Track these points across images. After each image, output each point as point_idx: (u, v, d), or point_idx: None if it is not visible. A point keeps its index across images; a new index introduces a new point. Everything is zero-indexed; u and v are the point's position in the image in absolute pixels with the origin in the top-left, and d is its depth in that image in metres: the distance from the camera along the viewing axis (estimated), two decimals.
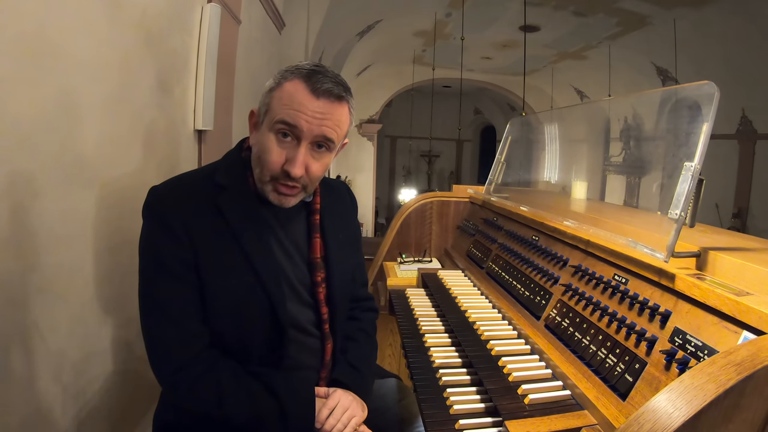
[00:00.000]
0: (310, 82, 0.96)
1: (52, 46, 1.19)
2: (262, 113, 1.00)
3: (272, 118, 0.97)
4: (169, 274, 0.97)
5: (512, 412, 0.97)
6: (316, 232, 1.11)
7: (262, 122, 1.00)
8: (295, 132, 0.96)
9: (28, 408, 1.16)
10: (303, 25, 4.74)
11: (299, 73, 0.97)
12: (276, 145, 0.97)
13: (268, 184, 1.00)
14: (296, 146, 0.97)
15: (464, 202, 2.35)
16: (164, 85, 1.83)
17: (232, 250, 0.99)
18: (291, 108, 0.95)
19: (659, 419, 0.57)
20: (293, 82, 0.96)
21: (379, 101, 10.78)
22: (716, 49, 5.75)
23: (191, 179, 1.06)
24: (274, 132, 0.97)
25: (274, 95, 0.98)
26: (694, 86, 1.03)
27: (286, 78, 0.97)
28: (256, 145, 1.01)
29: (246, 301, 1.00)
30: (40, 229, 1.18)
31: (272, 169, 0.98)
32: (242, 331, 1.02)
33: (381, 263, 2.27)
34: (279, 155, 0.97)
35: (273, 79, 1.00)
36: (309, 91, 0.95)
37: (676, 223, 0.94)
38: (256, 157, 1.01)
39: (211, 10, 2.13)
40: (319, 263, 1.11)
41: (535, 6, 5.74)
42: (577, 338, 1.11)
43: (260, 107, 1.01)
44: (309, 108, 0.95)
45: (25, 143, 1.12)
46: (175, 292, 0.97)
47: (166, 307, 0.97)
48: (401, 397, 1.25)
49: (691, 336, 0.84)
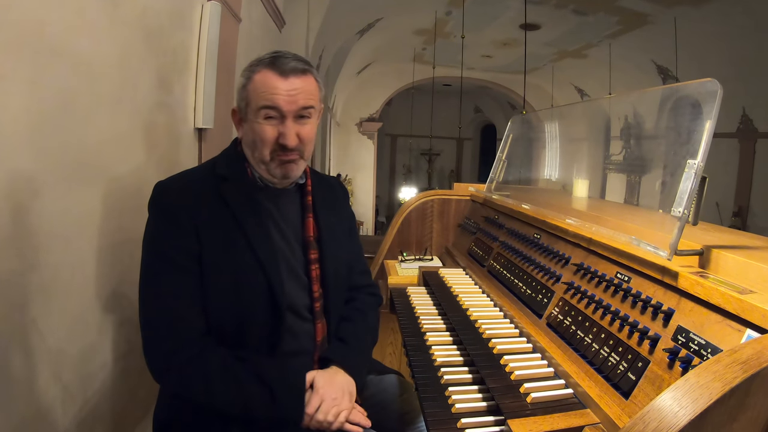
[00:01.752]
0: (276, 67, 1.06)
1: (52, 45, 1.18)
2: (243, 108, 1.10)
3: (254, 108, 1.07)
4: (171, 264, 1.02)
5: (514, 411, 0.96)
6: (309, 212, 1.19)
7: (246, 115, 1.10)
8: (278, 112, 1.06)
9: (28, 407, 1.16)
10: (303, 23, 4.73)
11: (263, 63, 1.07)
12: (266, 125, 1.07)
13: (270, 163, 1.09)
14: (283, 123, 1.07)
15: (465, 200, 2.34)
16: (164, 84, 1.83)
17: (235, 235, 1.06)
18: (267, 93, 1.05)
19: (665, 418, 0.57)
20: (261, 72, 1.07)
21: (379, 100, 10.79)
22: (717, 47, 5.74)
23: (194, 173, 1.16)
24: (260, 118, 1.07)
25: (248, 89, 1.08)
26: (697, 84, 1.03)
27: (254, 71, 1.08)
28: (248, 135, 1.11)
29: (247, 282, 1.05)
30: (40, 227, 1.18)
31: (270, 145, 1.07)
32: (242, 314, 1.06)
33: (382, 262, 2.27)
34: (271, 133, 1.07)
35: (242, 77, 1.10)
36: (277, 74, 1.06)
37: (679, 221, 0.93)
38: (250, 144, 1.10)
39: (212, 8, 2.13)
40: (312, 242, 1.18)
41: (535, 4, 5.73)
42: (580, 336, 1.10)
43: (239, 104, 1.12)
44: (282, 88, 1.05)
45: (26, 142, 1.11)
46: (175, 282, 1.02)
47: (165, 296, 1.02)
48: (402, 392, 1.26)
49: (694, 334, 0.84)
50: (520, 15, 5.85)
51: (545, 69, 9.03)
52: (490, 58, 8.92)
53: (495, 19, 6.63)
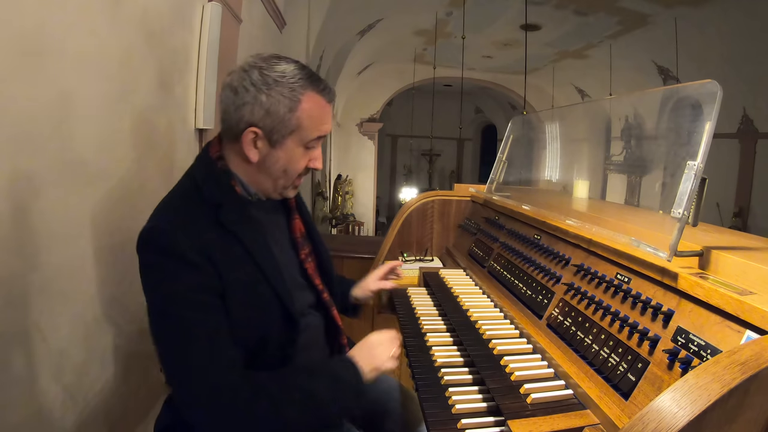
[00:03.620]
0: (320, 91, 1.01)
1: (53, 45, 1.18)
2: (283, 133, 0.99)
3: (306, 137, 1.01)
4: (196, 305, 0.92)
5: (514, 412, 0.96)
6: (294, 213, 1.20)
7: (284, 139, 1.00)
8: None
9: (29, 408, 1.16)
10: (304, 23, 4.73)
11: (306, 83, 0.99)
12: (305, 154, 1.04)
13: (288, 186, 1.08)
14: (316, 148, 1.06)
15: (466, 201, 2.34)
16: (165, 84, 1.83)
17: (245, 261, 1.00)
18: (322, 122, 1.02)
19: (664, 419, 0.57)
20: (310, 95, 1.00)
21: (379, 100, 10.78)
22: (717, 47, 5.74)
23: (183, 206, 1.01)
24: (305, 146, 1.03)
25: (299, 115, 0.99)
26: (697, 85, 1.03)
27: (300, 92, 0.98)
28: (279, 162, 1.02)
29: (258, 299, 1.00)
30: (40, 228, 1.18)
31: (299, 174, 1.06)
32: (257, 334, 1.00)
33: (382, 262, 2.26)
34: (305, 160, 1.05)
35: (283, 96, 0.97)
36: (326, 101, 1.03)
37: (679, 222, 0.93)
38: (280, 171, 1.04)
39: (212, 8, 2.13)
40: (301, 241, 1.19)
41: (536, 5, 5.73)
42: (580, 337, 1.10)
43: (275, 126, 0.99)
44: (329, 114, 1.05)
45: (26, 142, 1.12)
46: (208, 323, 0.92)
47: (204, 340, 0.90)
48: (404, 399, 1.26)
49: (694, 335, 0.84)
50: (520, 15, 5.85)
51: (546, 69, 9.03)
52: (490, 59, 8.92)
53: (495, 20, 6.63)
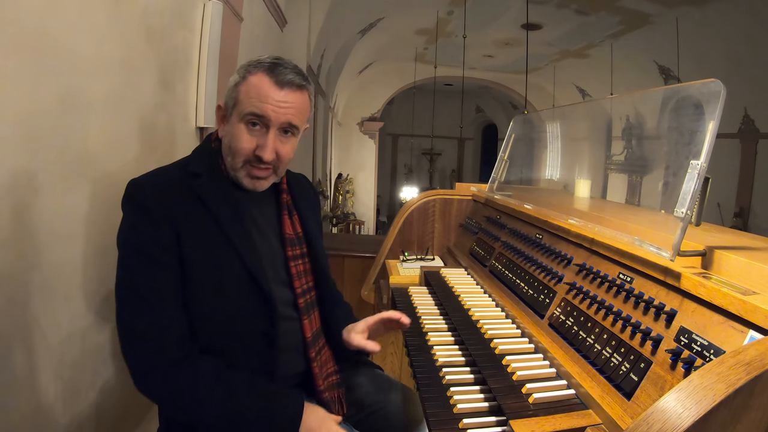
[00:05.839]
0: (274, 75, 1.03)
1: (54, 44, 1.18)
2: (230, 107, 1.07)
3: (241, 111, 1.04)
4: (148, 260, 0.98)
5: (516, 411, 0.96)
6: (285, 210, 1.18)
7: (231, 115, 1.07)
8: (263, 121, 1.04)
9: (29, 406, 1.16)
10: (305, 22, 4.73)
11: (262, 66, 1.04)
12: (246, 133, 1.05)
13: (241, 170, 1.07)
14: (265, 133, 1.05)
15: (467, 200, 2.34)
16: (166, 83, 1.83)
17: (213, 232, 1.03)
18: (258, 100, 1.03)
19: (668, 419, 0.57)
20: (257, 75, 1.04)
21: (380, 99, 10.78)
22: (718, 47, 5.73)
23: (167, 170, 1.11)
24: (244, 123, 1.04)
25: (240, 89, 1.05)
26: (700, 84, 1.02)
27: (250, 72, 1.05)
28: (227, 136, 1.08)
29: (229, 276, 1.03)
30: (41, 226, 1.18)
31: (245, 155, 1.05)
32: (227, 309, 1.03)
33: (383, 261, 2.26)
34: (250, 142, 1.05)
35: (237, 74, 1.07)
36: (273, 82, 1.03)
37: (682, 221, 0.93)
38: (227, 147, 1.08)
39: (213, 7, 2.13)
40: (291, 239, 1.17)
41: (537, 4, 5.73)
42: (582, 337, 1.10)
43: (227, 101, 1.08)
44: (274, 98, 1.03)
45: (27, 141, 1.11)
46: (152, 277, 0.98)
47: (143, 292, 0.97)
48: (406, 401, 1.25)
49: (696, 335, 0.84)
50: (521, 15, 5.85)
51: (547, 69, 9.02)
52: (491, 58, 8.92)
53: (496, 19, 6.63)
